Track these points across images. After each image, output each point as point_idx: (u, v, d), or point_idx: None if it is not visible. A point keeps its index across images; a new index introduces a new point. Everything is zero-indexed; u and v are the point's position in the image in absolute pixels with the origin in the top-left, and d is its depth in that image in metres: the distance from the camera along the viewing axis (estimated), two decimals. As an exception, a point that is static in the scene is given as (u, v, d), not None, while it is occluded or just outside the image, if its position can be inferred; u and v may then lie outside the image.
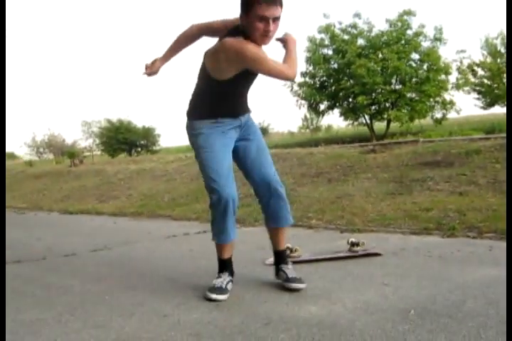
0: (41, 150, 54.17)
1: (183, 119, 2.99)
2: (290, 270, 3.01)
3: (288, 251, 3.60)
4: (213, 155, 2.84)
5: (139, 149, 34.57)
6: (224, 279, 2.93)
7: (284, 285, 2.93)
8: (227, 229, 2.88)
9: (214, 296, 2.77)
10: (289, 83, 27.63)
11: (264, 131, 43.22)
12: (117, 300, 2.92)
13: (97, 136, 41.35)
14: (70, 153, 20.46)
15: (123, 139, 35.76)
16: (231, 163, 2.92)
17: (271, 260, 3.56)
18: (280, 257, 3.10)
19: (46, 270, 3.94)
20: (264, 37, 2.63)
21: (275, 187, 2.96)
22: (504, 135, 9.38)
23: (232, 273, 3.02)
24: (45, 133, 56.69)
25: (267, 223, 3.13)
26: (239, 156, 3.01)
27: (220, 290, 2.82)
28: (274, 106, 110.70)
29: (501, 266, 3.08)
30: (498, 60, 32.25)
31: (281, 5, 2.62)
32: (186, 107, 3.00)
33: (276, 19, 2.60)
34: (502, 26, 50.26)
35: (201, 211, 6.45)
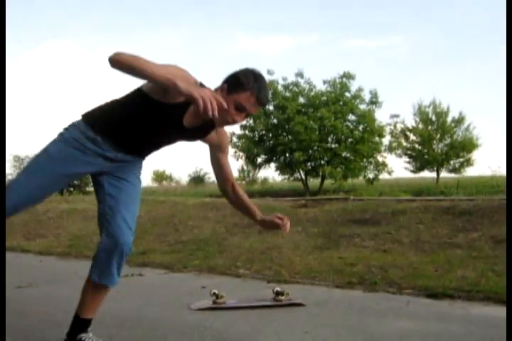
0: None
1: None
2: (92, 338, 2.58)
3: (214, 297, 3.68)
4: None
5: (72, 189, 33.91)
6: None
7: None
8: None
9: None
10: (228, 134, 27.94)
11: (200, 180, 43.26)
12: (42, 335, 2.90)
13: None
14: None
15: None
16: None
17: (197, 304, 3.63)
18: (81, 325, 2.60)
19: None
20: (226, 123, 2.36)
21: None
22: (429, 198, 9.81)
23: None
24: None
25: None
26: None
27: None
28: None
29: (415, 320, 3.26)
30: (429, 127, 33.84)
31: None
32: None
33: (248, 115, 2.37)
34: (435, 95, 52.86)
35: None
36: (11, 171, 31.60)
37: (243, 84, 2.26)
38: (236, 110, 2.28)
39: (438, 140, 34.21)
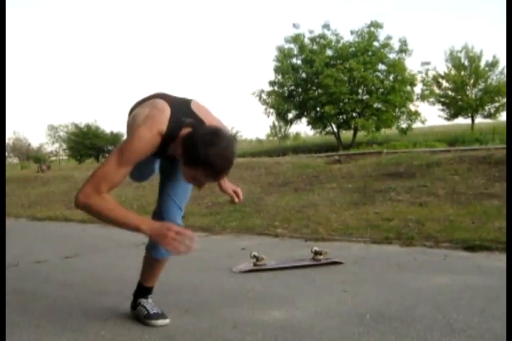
0: (6, 154, 53.23)
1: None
2: (151, 304, 2.75)
3: (254, 259, 3.78)
4: None
5: (107, 155, 34.47)
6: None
7: (145, 322, 2.66)
8: None
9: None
10: (257, 92, 27.98)
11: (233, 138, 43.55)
12: (91, 305, 3.05)
13: (64, 141, 41.13)
14: (37, 158, 20.12)
15: (90, 145, 35.70)
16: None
17: (238, 267, 3.74)
18: (143, 291, 2.81)
19: (18, 277, 4.02)
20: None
21: None
22: (464, 148, 9.74)
23: None
24: (10, 136, 55.73)
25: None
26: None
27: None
28: (243, 114, 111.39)
29: (453, 274, 3.33)
30: (462, 73, 33.06)
31: None
32: None
33: None
34: (466, 39, 51.32)
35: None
36: (46, 140, 32.08)
37: (199, 159, 2.12)
38: (194, 180, 2.26)
39: (472, 85, 33.45)
